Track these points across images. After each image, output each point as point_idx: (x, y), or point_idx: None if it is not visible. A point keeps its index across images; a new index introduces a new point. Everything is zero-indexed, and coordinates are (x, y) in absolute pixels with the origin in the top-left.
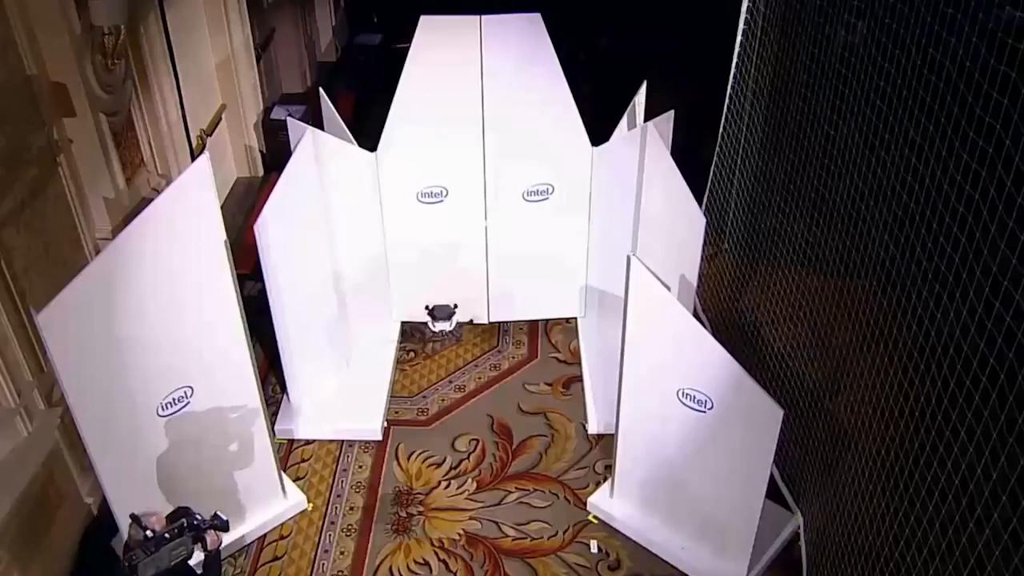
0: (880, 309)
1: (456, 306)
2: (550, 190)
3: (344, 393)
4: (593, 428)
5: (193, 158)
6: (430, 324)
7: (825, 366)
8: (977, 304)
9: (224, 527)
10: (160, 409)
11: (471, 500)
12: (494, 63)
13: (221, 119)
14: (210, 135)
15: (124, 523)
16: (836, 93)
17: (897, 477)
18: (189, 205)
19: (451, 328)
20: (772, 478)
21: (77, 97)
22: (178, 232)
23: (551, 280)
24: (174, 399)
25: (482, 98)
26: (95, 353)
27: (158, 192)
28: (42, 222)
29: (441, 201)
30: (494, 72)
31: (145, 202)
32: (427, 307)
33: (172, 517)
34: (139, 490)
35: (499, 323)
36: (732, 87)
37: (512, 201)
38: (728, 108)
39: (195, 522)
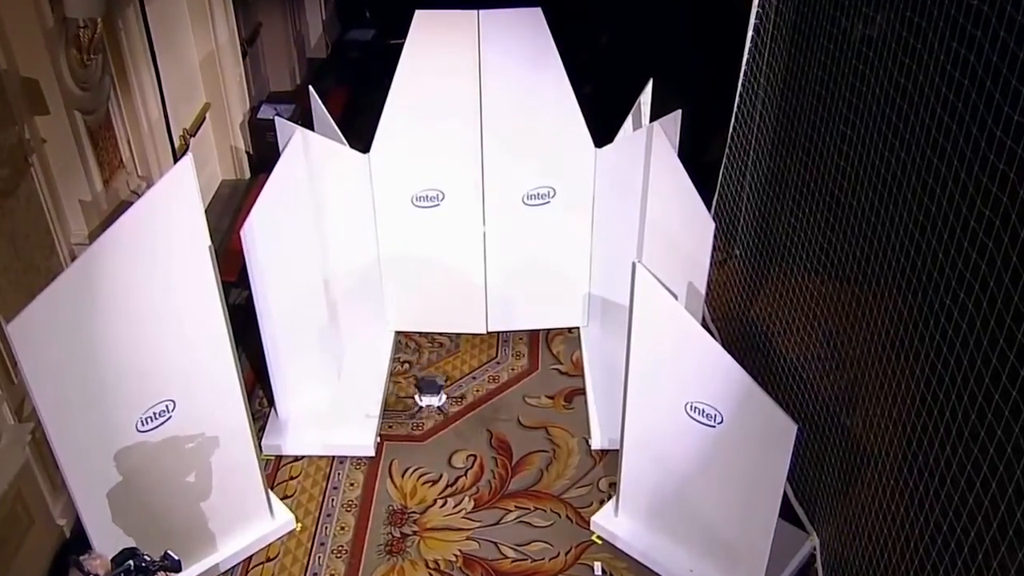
0: (901, 318)
1: (446, 380)
2: (551, 193)
3: (335, 407)
4: (597, 443)
5: (175, 159)
6: (417, 398)
7: (842, 378)
8: (1006, 313)
9: (175, 567)
10: (139, 424)
11: (468, 519)
12: (493, 60)
13: (205, 118)
14: (193, 135)
15: (99, 545)
16: (853, 90)
17: (921, 496)
18: (171, 209)
19: (440, 403)
20: (786, 497)
21: (50, 94)
22: (159, 237)
23: (552, 288)
24: (154, 414)
25: (480, 97)
26: (69, 365)
27: (138, 195)
28: (13, 226)
29: (437, 205)
30: (493, 69)
31: (124, 205)
32: (415, 378)
33: (118, 559)
34: (116, 510)
35: (498, 333)
36: (743, 84)
37: (511, 205)
38: (738, 106)
39: (143, 564)
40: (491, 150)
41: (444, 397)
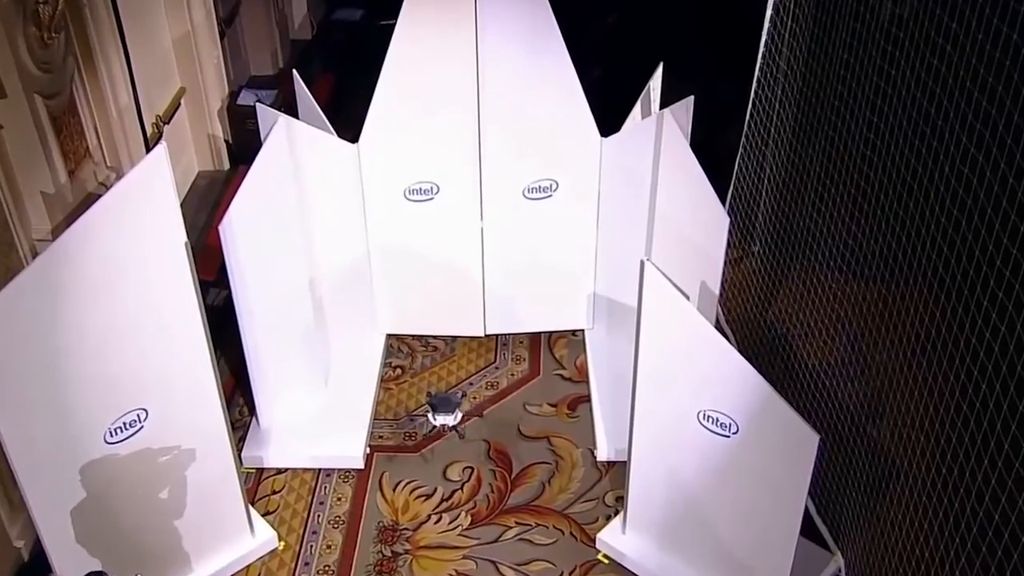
0: (932, 320)
1: (463, 395)
2: (554, 187)
3: (321, 415)
4: (603, 455)
5: (148, 148)
6: (430, 417)
7: (868, 385)
8: None
9: None
10: (108, 435)
11: (465, 536)
12: (491, 42)
13: (180, 104)
14: (167, 122)
15: (61, 569)
16: (881, 74)
17: (956, 514)
18: (143, 202)
19: (455, 422)
20: (807, 513)
21: (7, 76)
22: (131, 233)
23: (555, 288)
24: (125, 423)
25: (477, 82)
26: (31, 371)
27: (107, 187)
28: None
29: (431, 199)
30: (491, 52)
31: (91, 198)
32: (428, 394)
33: None
34: (80, 530)
35: (496, 336)
36: (760, 68)
37: (511, 199)
38: (756, 92)
39: None
40: (489, 140)
41: (460, 415)
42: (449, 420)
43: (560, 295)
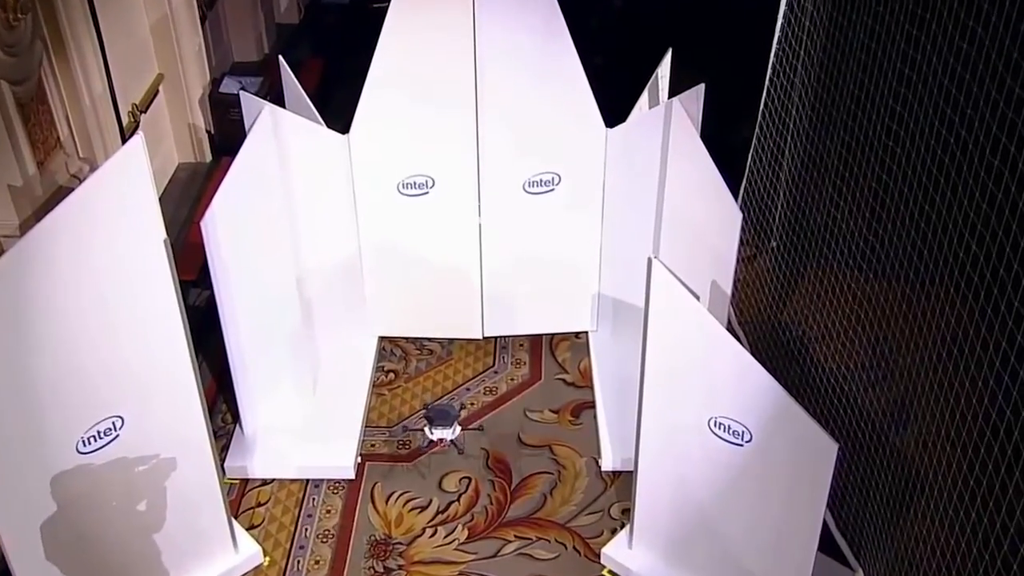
0: (959, 322)
1: (462, 408)
2: (556, 180)
3: (309, 422)
4: (608, 464)
5: (124, 139)
6: (427, 431)
7: (891, 391)
8: None
9: None
10: (81, 444)
11: (461, 551)
12: (490, 27)
13: (158, 92)
14: (144, 111)
15: None
16: (905, 59)
17: (985, 529)
18: (119, 196)
19: (454, 436)
20: (826, 527)
21: None
22: (105, 229)
23: (557, 287)
24: (99, 432)
25: (475, 69)
26: None
27: (80, 180)
28: None
29: (426, 193)
30: (490, 38)
31: (63, 191)
32: (425, 407)
33: None
34: (50, 546)
35: (495, 338)
36: (776, 54)
37: (511, 193)
38: (771, 78)
39: None
40: (488, 130)
41: (459, 429)
42: (447, 434)
43: (562, 295)
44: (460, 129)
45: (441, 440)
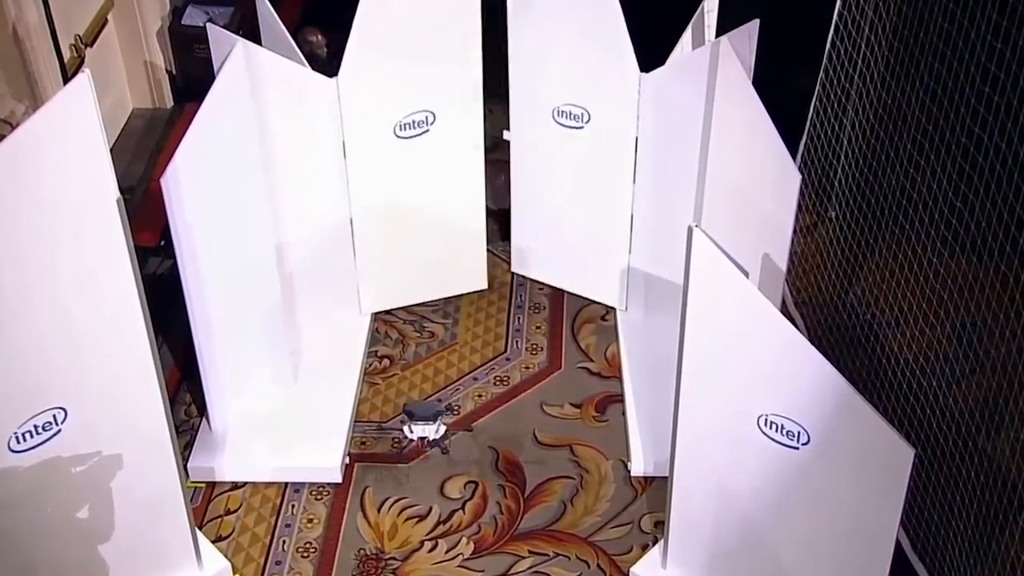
0: None
1: (446, 408)
2: (585, 116)
3: (289, 416)
4: (638, 468)
5: (66, 78)
6: (406, 430)
7: (980, 387)
8: None
9: None
10: (13, 441)
11: (466, 568)
12: None
13: (107, 22)
14: (90, 45)
15: None
16: None
17: None
18: (60, 145)
19: (436, 435)
20: (899, 547)
21: None
22: (43, 184)
23: (581, 254)
24: (35, 427)
25: None
26: None
27: (11, 126)
28: None
29: (426, 131)
30: None
31: None
32: (404, 406)
33: None
34: None
35: (507, 319)
36: None
37: (540, 117)
38: (839, 13)
39: None
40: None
41: (443, 428)
42: (429, 432)
43: (588, 263)
44: (462, 54)
45: (423, 439)
